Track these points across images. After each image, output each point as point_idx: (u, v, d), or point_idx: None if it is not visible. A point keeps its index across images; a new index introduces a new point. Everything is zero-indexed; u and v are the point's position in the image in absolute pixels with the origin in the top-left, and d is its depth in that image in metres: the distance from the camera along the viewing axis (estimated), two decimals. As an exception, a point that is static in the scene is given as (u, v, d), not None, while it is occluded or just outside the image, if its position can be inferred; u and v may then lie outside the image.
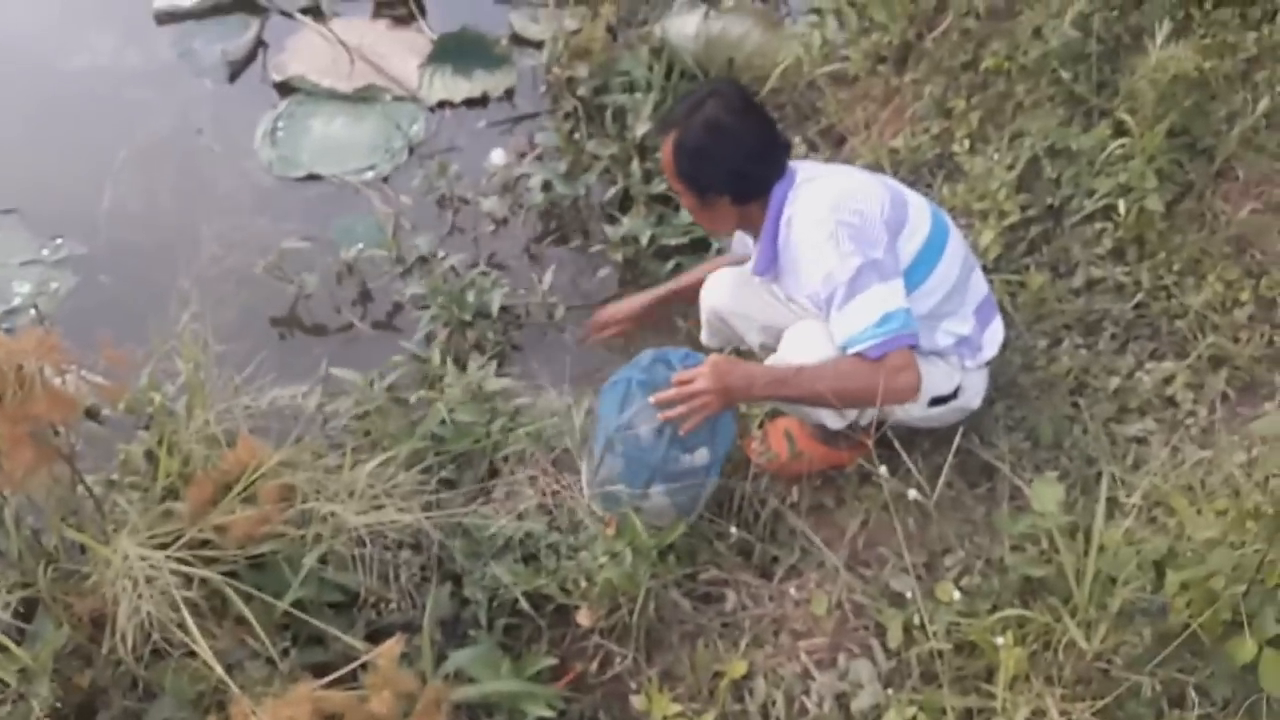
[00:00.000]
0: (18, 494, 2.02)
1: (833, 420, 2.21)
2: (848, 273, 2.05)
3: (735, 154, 2.17)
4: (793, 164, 2.24)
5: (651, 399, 2.10)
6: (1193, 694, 1.80)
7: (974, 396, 2.33)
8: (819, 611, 2.13)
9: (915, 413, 2.26)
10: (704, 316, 2.52)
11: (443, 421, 2.44)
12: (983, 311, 2.30)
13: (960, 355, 2.27)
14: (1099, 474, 2.18)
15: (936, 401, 2.26)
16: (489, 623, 2.15)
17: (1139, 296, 2.59)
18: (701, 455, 2.18)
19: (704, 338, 2.57)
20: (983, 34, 3.16)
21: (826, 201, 2.13)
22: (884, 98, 3.36)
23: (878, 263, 2.07)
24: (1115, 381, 2.46)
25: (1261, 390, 2.43)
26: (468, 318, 2.96)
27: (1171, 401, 2.43)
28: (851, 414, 2.20)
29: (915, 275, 2.16)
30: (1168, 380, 2.44)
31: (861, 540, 2.28)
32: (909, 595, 2.05)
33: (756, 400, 2.29)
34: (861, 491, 2.36)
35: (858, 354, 2.05)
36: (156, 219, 3.41)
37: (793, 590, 2.21)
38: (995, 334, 2.33)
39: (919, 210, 2.23)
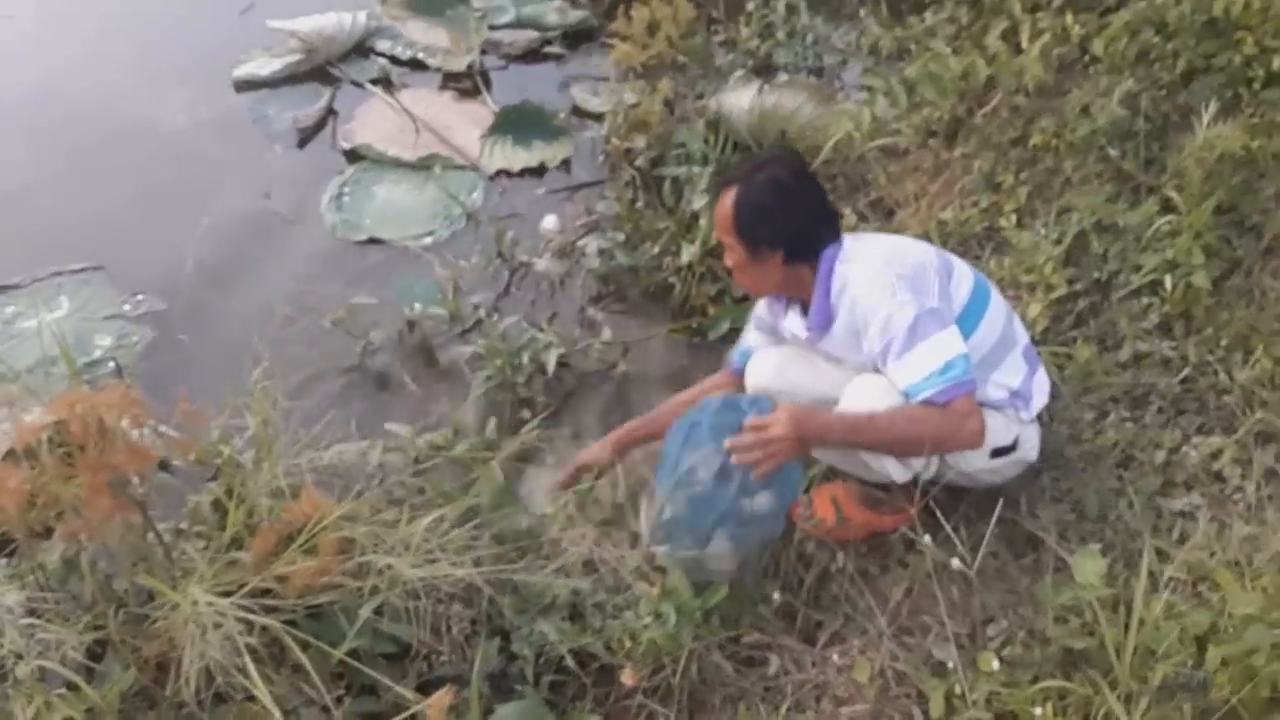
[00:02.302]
0: (93, 541, 2.12)
1: (898, 472, 2.25)
2: (906, 321, 2.12)
3: (795, 213, 2.27)
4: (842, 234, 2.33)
5: (726, 443, 2.14)
6: (1234, 771, 1.79)
7: (1031, 449, 2.37)
8: (861, 678, 2.15)
9: (978, 464, 2.30)
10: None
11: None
12: (1028, 360, 2.36)
13: (1015, 408, 2.32)
14: (1143, 547, 2.19)
15: (998, 453, 2.31)
16: (535, 678, 2.18)
17: (1186, 371, 2.61)
18: (766, 502, 2.23)
19: None
20: (1031, 111, 3.24)
21: (880, 256, 2.23)
22: (934, 171, 3.43)
23: (935, 311, 2.14)
24: (1161, 455, 2.47)
25: (1312, 467, 2.43)
26: (521, 380, 3.04)
27: (1219, 477, 2.43)
28: (917, 465, 2.24)
29: (966, 324, 2.23)
30: (1215, 455, 2.45)
31: (906, 608, 2.29)
32: (950, 665, 2.06)
33: (830, 447, 2.31)
34: (906, 558, 2.38)
35: (925, 400, 2.10)
36: (228, 278, 3.55)
37: (835, 656, 2.23)
38: (1042, 383, 2.39)
39: (961, 264, 2.32)
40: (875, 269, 2.20)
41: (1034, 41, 3.21)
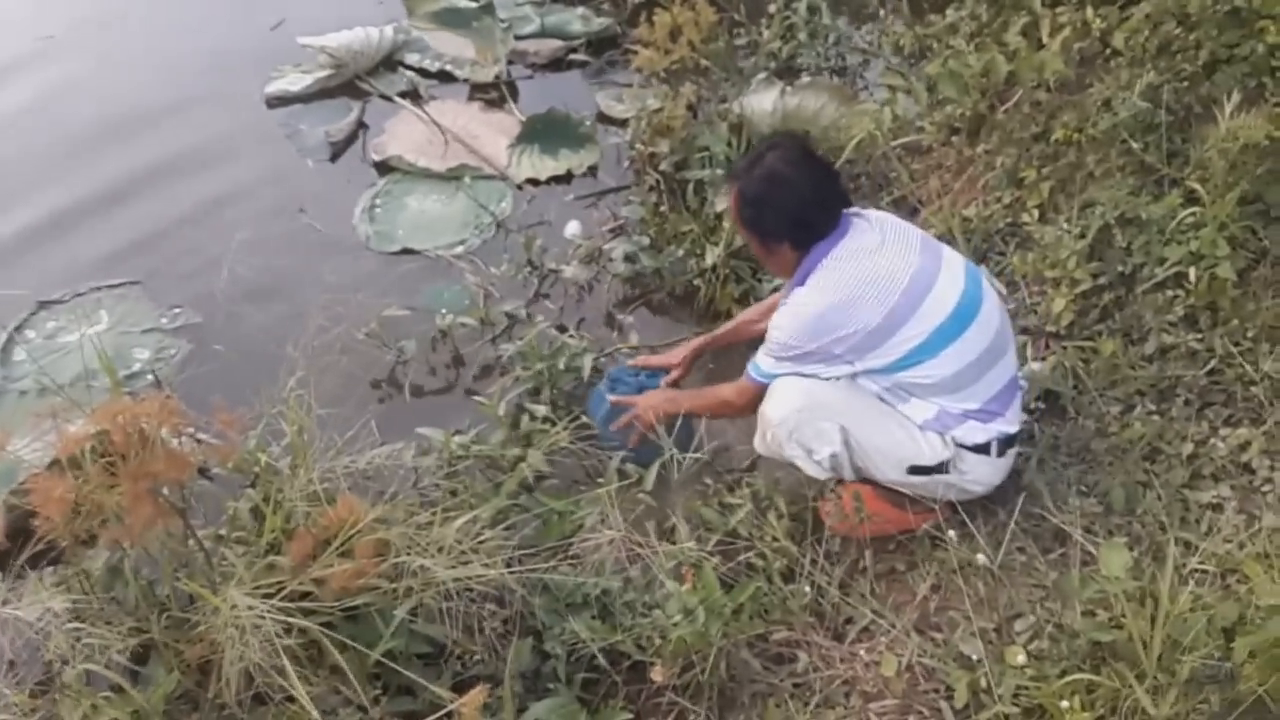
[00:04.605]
0: (135, 547, 2.19)
1: (814, 470, 2.41)
2: (776, 338, 2.38)
3: (792, 203, 2.33)
4: (859, 216, 2.37)
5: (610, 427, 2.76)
6: (1262, 761, 1.79)
7: (973, 482, 2.37)
8: (889, 673, 2.17)
9: (893, 476, 2.38)
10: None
11: (524, 481, 2.56)
12: (991, 405, 2.33)
13: (938, 430, 2.34)
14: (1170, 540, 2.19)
15: (917, 470, 2.34)
16: (568, 677, 2.22)
17: (1212, 363, 2.60)
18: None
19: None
20: (1053, 106, 3.24)
21: (814, 309, 2.30)
22: (957, 168, 3.44)
23: (804, 355, 2.35)
24: (1189, 448, 2.47)
25: (1342, 457, 2.42)
26: (560, 385, 3.07)
27: (1247, 468, 2.42)
28: (828, 465, 2.38)
29: (919, 355, 2.28)
30: (1243, 447, 2.44)
31: (933, 603, 2.32)
32: (976, 658, 2.08)
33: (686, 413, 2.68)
34: (933, 555, 2.40)
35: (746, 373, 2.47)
36: (263, 290, 3.62)
37: (863, 652, 2.25)
38: (996, 426, 2.34)
39: (941, 300, 2.27)
40: (812, 305, 2.31)
41: (1054, 36, 3.20)
